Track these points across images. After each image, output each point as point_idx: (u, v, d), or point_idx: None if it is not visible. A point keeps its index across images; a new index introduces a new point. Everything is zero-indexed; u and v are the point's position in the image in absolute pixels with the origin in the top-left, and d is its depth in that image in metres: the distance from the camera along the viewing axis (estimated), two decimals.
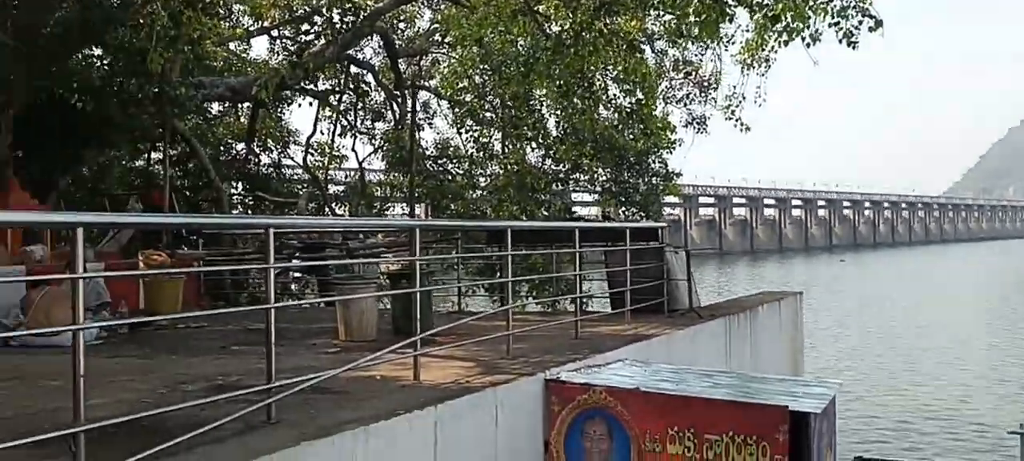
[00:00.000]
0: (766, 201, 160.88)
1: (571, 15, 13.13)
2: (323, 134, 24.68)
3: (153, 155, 20.70)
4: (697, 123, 20.26)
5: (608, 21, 13.30)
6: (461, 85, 22.12)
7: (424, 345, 7.18)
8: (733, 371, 10.38)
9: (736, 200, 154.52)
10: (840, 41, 11.98)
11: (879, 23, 11.72)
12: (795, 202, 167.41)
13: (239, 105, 22.55)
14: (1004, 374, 27.74)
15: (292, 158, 25.19)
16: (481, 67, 20.61)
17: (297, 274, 17.94)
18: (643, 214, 19.12)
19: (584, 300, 10.81)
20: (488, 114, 22.15)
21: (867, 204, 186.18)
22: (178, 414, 5.29)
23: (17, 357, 8.72)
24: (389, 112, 24.88)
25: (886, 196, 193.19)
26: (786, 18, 10.93)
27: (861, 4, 11.96)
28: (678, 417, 6.84)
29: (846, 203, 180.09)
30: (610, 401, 7.05)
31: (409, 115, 21.92)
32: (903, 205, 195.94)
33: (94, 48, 14.33)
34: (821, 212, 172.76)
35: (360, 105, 24.68)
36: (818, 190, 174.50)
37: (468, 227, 14.27)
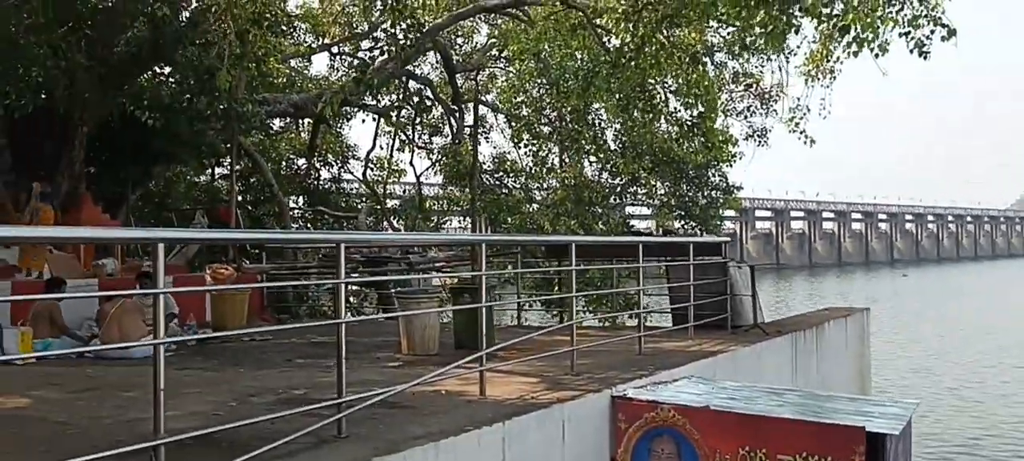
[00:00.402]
0: (825, 214, 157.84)
1: (632, 29, 13.03)
2: (382, 149, 24.96)
3: (217, 170, 21.15)
4: (758, 136, 19.97)
5: (670, 34, 13.19)
6: (518, 99, 22.15)
7: (488, 360, 7.16)
8: (801, 389, 10.13)
9: (794, 213, 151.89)
10: (911, 51, 11.65)
11: (952, 32, 11.38)
12: (855, 215, 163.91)
13: (300, 120, 22.92)
14: None
15: (351, 172, 25.52)
16: (539, 81, 20.61)
17: (355, 288, 18.14)
18: (703, 228, 18.90)
19: (648, 316, 10.68)
20: (545, 128, 22.14)
21: (930, 218, 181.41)
22: (251, 427, 5.34)
23: (92, 368, 8.95)
24: (446, 127, 25.06)
25: (950, 209, 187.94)
26: (855, 28, 10.69)
27: (932, 13, 11.64)
28: (749, 436, 6.69)
29: (908, 217, 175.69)
30: (678, 419, 6.93)
31: (467, 129, 22.02)
32: (968, 219, 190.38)
33: (164, 66, 14.69)
34: (882, 226, 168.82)
35: (418, 120, 24.89)
36: (879, 203, 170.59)
37: (531, 242, 14.26)
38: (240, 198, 18.97)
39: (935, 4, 11.70)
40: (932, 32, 11.53)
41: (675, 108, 17.69)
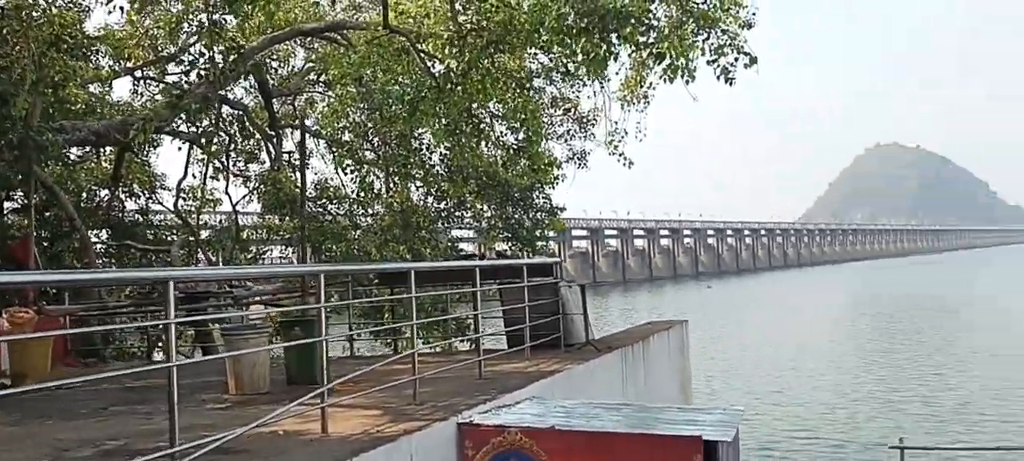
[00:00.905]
0: (636, 232, 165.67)
1: (458, 54, 13.11)
2: (195, 177, 23.67)
3: (7, 204, 19.28)
4: (578, 158, 20.65)
5: (495, 59, 13.38)
6: (340, 124, 21.70)
7: (328, 395, 6.90)
8: (633, 402, 10.48)
9: (608, 232, 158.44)
10: (718, 77, 12.44)
11: (754, 60, 12.26)
12: (663, 232, 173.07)
13: (101, 149, 21.36)
14: (873, 392, 29.34)
15: (160, 203, 24.00)
16: (361, 106, 20.29)
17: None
18: (529, 249, 19.26)
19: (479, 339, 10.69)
20: (369, 153, 21.82)
21: (729, 232, 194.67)
22: None
23: None
24: (264, 153, 24.14)
25: (746, 224, 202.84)
26: (670, 56, 11.27)
27: (735, 43, 12.45)
28: (594, 453, 6.82)
29: (710, 232, 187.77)
30: (525, 441, 6.95)
31: (286, 155, 21.32)
32: (762, 232, 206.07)
33: None
34: (687, 241, 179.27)
35: (233, 147, 23.83)
36: (684, 220, 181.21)
37: (371, 269, 13.96)
38: (35, 233, 17.39)
39: (736, 34, 12.56)
40: (736, 60, 12.34)
41: (501, 132, 17.99)
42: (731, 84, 12.53)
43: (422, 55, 14.62)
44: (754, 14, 12.98)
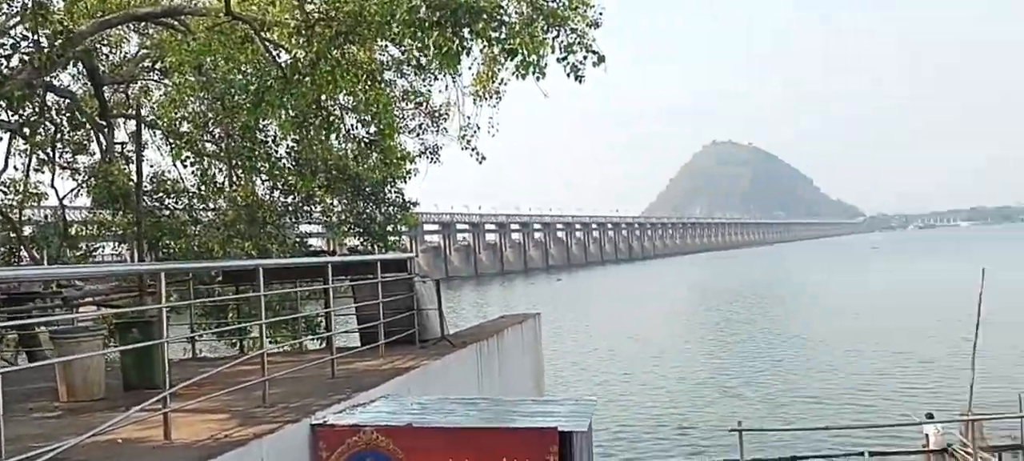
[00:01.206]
0: (487, 226, 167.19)
1: (306, 44, 12.73)
2: (17, 170, 21.90)
3: None
4: (430, 153, 20.50)
5: (345, 50, 13.07)
6: (178, 114, 20.60)
7: (170, 399, 6.52)
8: (489, 396, 10.53)
9: (460, 226, 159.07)
10: (568, 75, 12.65)
11: (602, 59, 12.55)
12: (514, 226, 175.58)
13: None
14: (714, 377, 30.89)
15: None
16: (201, 95, 19.34)
17: None
18: (382, 245, 18.96)
19: (332, 337, 10.44)
20: (210, 145, 20.84)
21: (578, 226, 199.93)
22: None
23: None
24: (94, 144, 22.63)
25: (594, 218, 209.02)
26: (522, 52, 11.37)
27: (584, 42, 12.72)
28: (452, 449, 6.77)
29: (560, 225, 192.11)
30: (382, 440, 6.83)
31: (123, 146, 20.05)
32: (608, 226, 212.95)
33: None
34: (537, 235, 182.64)
35: (59, 137, 22.19)
36: (534, 214, 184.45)
37: (216, 267, 13.27)
38: None
39: (585, 33, 12.84)
40: (585, 58, 12.60)
41: (352, 125, 17.60)
42: (580, 82, 12.79)
43: (267, 44, 14.10)
44: (601, 14, 13.30)
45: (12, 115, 18.12)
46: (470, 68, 14.98)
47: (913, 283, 70.87)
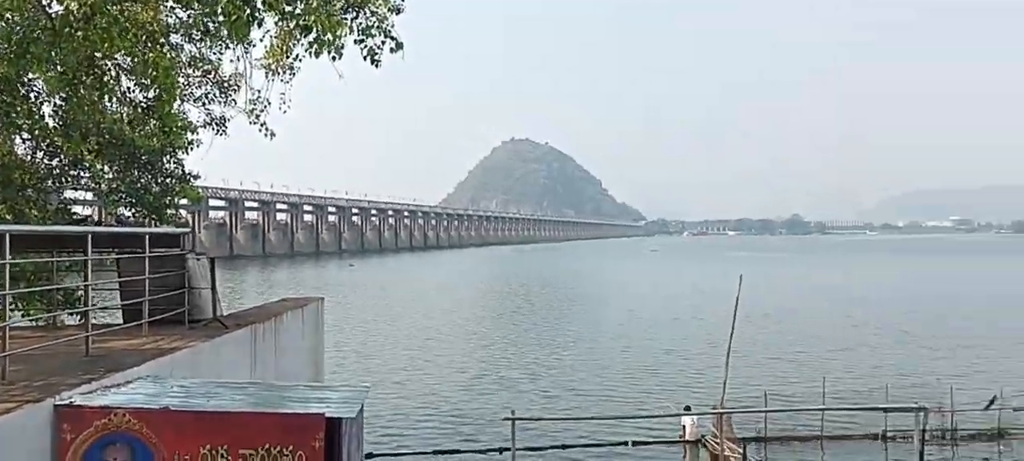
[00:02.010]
0: (279, 206, 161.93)
1: None
2: None
3: None
4: (217, 124, 19.51)
5: (124, 7, 12.16)
6: None
7: None
8: (261, 381, 10.22)
9: (248, 204, 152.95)
10: (364, 58, 12.50)
11: (400, 45, 12.49)
12: (307, 208, 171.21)
13: None
14: (493, 367, 31.64)
15: None
16: None
17: None
18: (157, 218, 17.82)
19: (93, 313, 9.71)
20: None
21: (374, 212, 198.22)
22: None
23: None
24: None
25: (391, 204, 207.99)
26: (317, 29, 11.08)
27: (383, 26, 12.61)
28: (210, 434, 6.51)
29: (355, 210, 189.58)
30: (134, 423, 6.44)
31: None
32: (405, 213, 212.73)
33: None
34: (332, 218, 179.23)
35: None
36: (329, 197, 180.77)
37: None
38: None
39: (384, 17, 12.73)
40: (383, 43, 12.51)
41: (128, 88, 16.39)
42: (376, 66, 12.66)
43: None
44: (402, 1, 13.23)
45: None
46: (262, 40, 14.40)
47: (683, 285, 76.19)
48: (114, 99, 16.12)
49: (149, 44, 13.20)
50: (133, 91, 16.48)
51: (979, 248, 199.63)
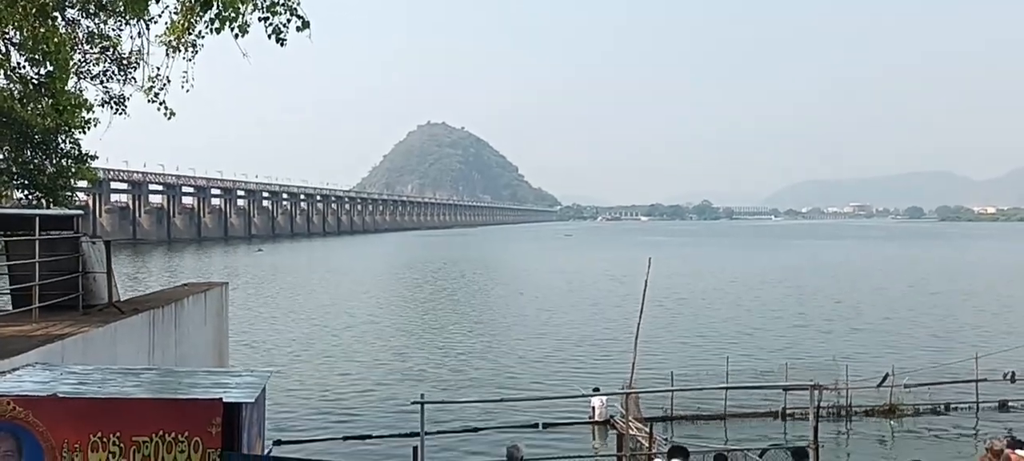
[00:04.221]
0: (185, 189, 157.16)
1: None
2: None
3: None
4: (115, 103, 18.79)
5: None
6: None
7: None
8: (159, 367, 9.94)
9: (153, 187, 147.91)
10: (269, 36, 12.22)
11: (306, 24, 12.24)
12: (215, 191, 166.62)
13: None
14: (409, 351, 31.50)
15: None
16: None
17: None
18: (51, 200, 17.08)
19: None
20: None
21: (285, 196, 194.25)
22: None
23: None
24: None
25: (303, 188, 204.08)
26: (218, 5, 10.78)
27: (289, 4, 12.34)
28: (102, 421, 6.31)
29: (266, 194, 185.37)
30: (19, 411, 6.19)
31: None
32: (318, 198, 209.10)
33: None
34: (241, 202, 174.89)
35: None
36: (238, 180, 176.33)
37: None
38: None
39: None
40: (289, 21, 12.24)
41: (19, 63, 15.61)
42: (282, 45, 12.38)
43: None
44: None
45: None
46: (161, 16, 13.92)
47: (595, 269, 77.32)
48: (3, 75, 15.38)
49: (40, 18, 12.62)
50: (24, 67, 15.75)
51: (875, 233, 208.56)
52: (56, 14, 13.81)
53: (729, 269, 78.41)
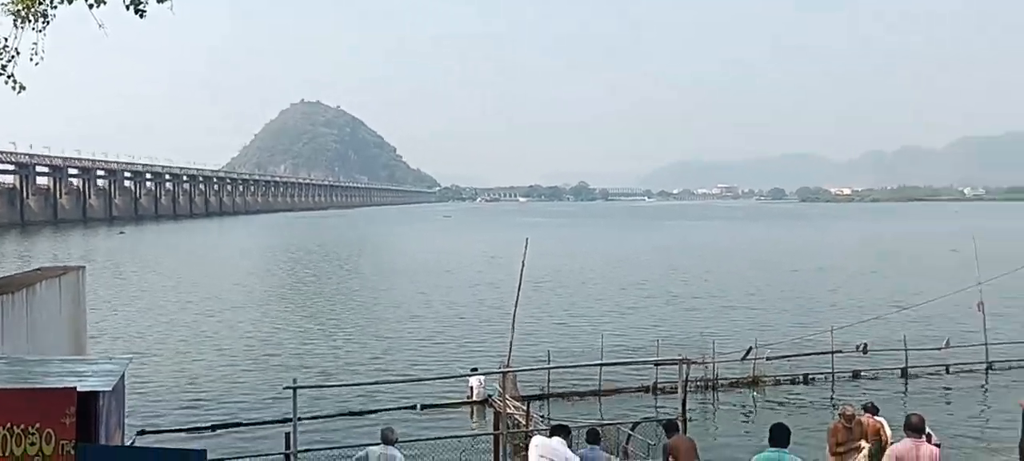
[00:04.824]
0: (39, 169, 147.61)
1: None
2: None
3: None
4: None
5: None
6: None
7: None
8: (9, 356, 9.31)
9: (4, 167, 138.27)
10: (128, 7, 11.57)
11: None
12: (72, 171, 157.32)
13: None
14: (281, 336, 30.73)
15: None
16: None
17: None
18: None
19: None
20: None
21: (149, 176, 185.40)
22: None
23: None
24: None
25: (168, 168, 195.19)
26: None
27: None
28: None
29: (128, 174, 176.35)
30: None
31: None
32: (184, 178, 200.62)
33: None
34: (101, 182, 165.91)
35: None
36: (98, 160, 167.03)
37: None
38: None
39: None
40: None
41: None
42: (141, 16, 11.72)
43: None
44: None
45: None
46: None
47: (474, 250, 77.65)
48: None
49: None
50: None
51: (740, 213, 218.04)
52: None
53: (603, 249, 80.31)
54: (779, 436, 7.61)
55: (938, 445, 10.90)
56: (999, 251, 42.61)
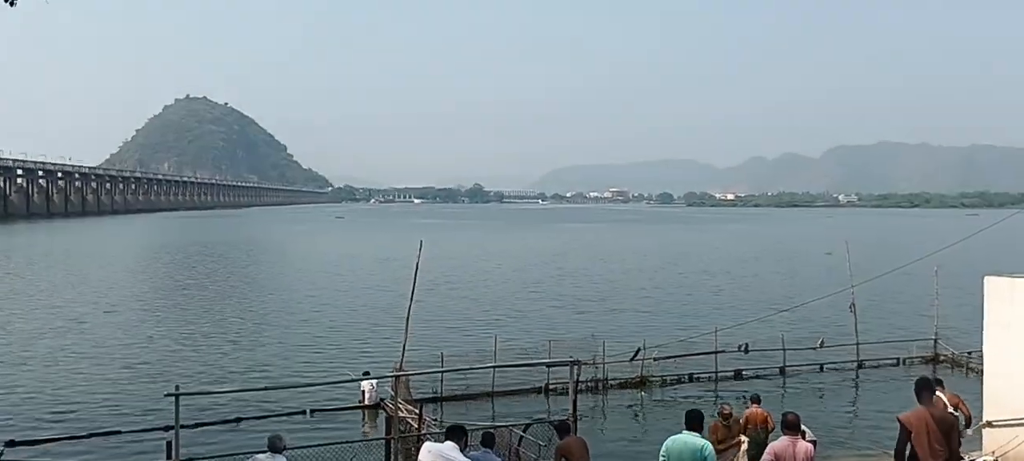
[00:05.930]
0: None
1: None
2: None
3: None
4: None
5: None
6: None
7: None
8: None
9: None
10: None
11: None
12: None
13: None
14: (162, 342, 29.53)
15: None
16: None
17: None
18: None
19: None
20: None
21: (20, 172, 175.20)
22: None
23: None
24: None
25: (42, 164, 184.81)
26: None
27: None
28: None
29: None
30: None
31: None
32: (59, 175, 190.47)
33: None
34: None
35: None
36: None
37: None
38: None
39: None
40: None
41: None
42: (12, 4, 11.22)
43: None
44: None
45: None
46: None
47: (366, 252, 76.70)
48: None
49: None
50: None
51: (630, 217, 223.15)
52: None
53: (497, 252, 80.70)
54: (694, 420, 8.18)
55: (813, 441, 11.44)
56: (869, 255, 45.01)
